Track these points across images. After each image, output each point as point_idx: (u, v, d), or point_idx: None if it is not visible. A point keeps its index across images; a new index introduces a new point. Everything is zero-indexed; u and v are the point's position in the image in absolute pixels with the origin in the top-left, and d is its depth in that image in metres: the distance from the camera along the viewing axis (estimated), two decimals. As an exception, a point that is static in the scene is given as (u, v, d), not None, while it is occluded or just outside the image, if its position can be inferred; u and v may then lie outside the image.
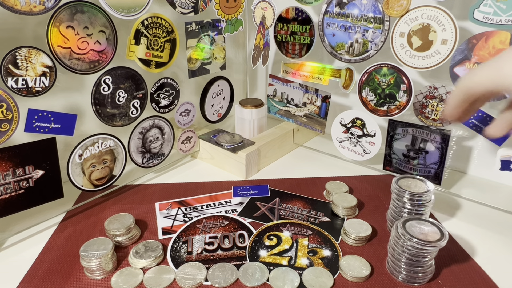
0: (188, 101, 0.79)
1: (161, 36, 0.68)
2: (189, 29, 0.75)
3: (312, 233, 0.59)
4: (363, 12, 0.69)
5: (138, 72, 0.67)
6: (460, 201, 0.69)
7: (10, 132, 0.53)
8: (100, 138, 0.64)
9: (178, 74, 0.79)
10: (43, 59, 0.54)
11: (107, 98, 0.64)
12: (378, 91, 0.72)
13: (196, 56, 0.79)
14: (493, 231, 0.60)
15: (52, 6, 0.53)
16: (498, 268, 0.52)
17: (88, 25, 0.57)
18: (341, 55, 0.75)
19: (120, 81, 0.64)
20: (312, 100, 0.82)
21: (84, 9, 0.57)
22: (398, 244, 0.49)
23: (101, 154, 0.65)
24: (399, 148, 0.73)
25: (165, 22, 0.68)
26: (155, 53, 0.68)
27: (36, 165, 0.57)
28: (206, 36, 0.79)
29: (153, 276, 0.50)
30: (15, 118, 0.53)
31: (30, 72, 0.53)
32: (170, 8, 0.70)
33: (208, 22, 0.78)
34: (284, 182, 0.75)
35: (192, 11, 0.74)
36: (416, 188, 0.57)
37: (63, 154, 0.60)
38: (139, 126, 0.71)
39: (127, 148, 0.69)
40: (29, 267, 0.52)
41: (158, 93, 0.72)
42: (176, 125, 0.78)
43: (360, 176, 0.77)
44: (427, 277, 0.49)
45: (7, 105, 0.52)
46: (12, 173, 0.55)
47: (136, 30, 0.64)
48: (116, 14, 0.60)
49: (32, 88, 0.54)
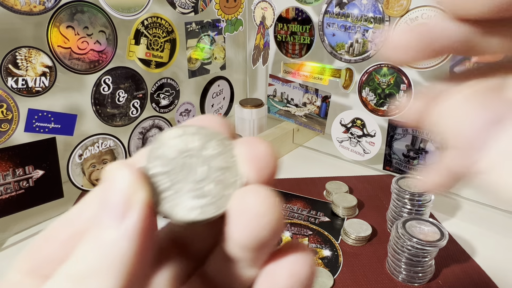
0: (188, 101, 0.79)
1: (161, 36, 0.68)
2: (189, 29, 0.75)
3: (312, 233, 0.59)
4: (363, 12, 0.69)
5: (138, 72, 0.67)
6: (460, 201, 0.69)
7: (10, 132, 0.53)
8: (100, 138, 0.64)
9: (178, 74, 0.79)
10: (43, 59, 0.54)
11: (107, 98, 0.64)
12: (378, 91, 0.72)
13: (196, 56, 0.78)
14: (493, 231, 0.60)
15: (52, 6, 0.53)
16: (498, 268, 0.52)
17: (88, 25, 0.57)
18: (341, 55, 0.75)
19: (120, 81, 0.64)
20: (312, 100, 0.82)
21: (84, 9, 0.56)
22: (398, 244, 0.49)
23: (101, 154, 0.65)
24: (399, 148, 0.73)
25: (165, 22, 0.68)
26: (155, 53, 0.68)
27: (36, 165, 0.57)
28: (206, 36, 0.79)
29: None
30: (15, 118, 0.53)
31: (30, 72, 0.53)
32: (170, 8, 0.70)
33: (208, 22, 0.78)
34: (284, 182, 0.75)
35: (192, 11, 0.74)
36: (416, 188, 0.57)
37: (63, 154, 0.60)
38: (139, 126, 0.70)
39: (127, 148, 0.69)
40: (29, 267, 0.52)
41: (158, 93, 0.72)
42: (176, 125, 0.78)
43: (360, 176, 0.77)
44: (427, 277, 0.49)
45: (7, 105, 0.52)
46: (12, 173, 0.55)
47: (136, 30, 0.64)
48: (116, 14, 0.60)
49: (32, 88, 0.54)
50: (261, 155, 0.16)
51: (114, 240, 0.13)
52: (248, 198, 0.15)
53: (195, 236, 0.19)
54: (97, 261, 0.13)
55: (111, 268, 0.13)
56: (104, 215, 0.14)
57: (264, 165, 0.16)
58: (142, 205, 0.14)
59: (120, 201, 0.14)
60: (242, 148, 0.16)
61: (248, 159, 0.16)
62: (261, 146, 0.16)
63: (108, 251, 0.13)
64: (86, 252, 0.14)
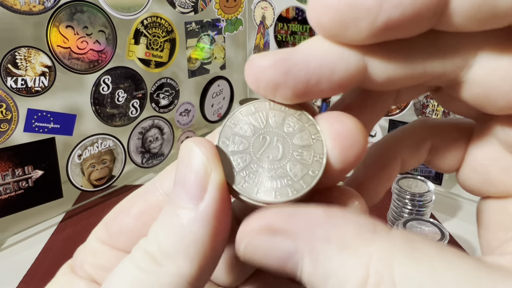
0: (187, 101, 0.79)
1: (161, 35, 0.68)
2: (189, 28, 0.75)
3: (312, 234, 0.58)
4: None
5: (137, 72, 0.67)
6: (461, 202, 0.68)
7: (9, 132, 0.53)
8: (100, 138, 0.64)
9: (177, 74, 0.79)
10: (43, 59, 0.54)
11: (106, 98, 0.63)
12: (378, 91, 0.72)
13: (196, 56, 0.78)
14: (494, 231, 0.60)
15: (52, 6, 0.53)
16: (499, 268, 0.52)
17: (88, 24, 0.57)
18: (341, 55, 0.74)
19: (119, 81, 0.64)
20: (313, 100, 0.82)
21: (84, 8, 0.56)
22: (399, 245, 0.48)
23: (100, 154, 0.65)
24: (400, 148, 0.72)
25: (165, 22, 0.68)
26: (154, 52, 0.68)
27: (35, 165, 0.57)
28: (206, 35, 0.79)
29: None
30: (14, 118, 0.53)
31: (29, 72, 0.53)
32: (169, 8, 0.70)
33: (208, 22, 0.78)
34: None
35: (192, 10, 0.74)
36: (417, 188, 0.56)
37: (63, 154, 0.60)
38: (139, 126, 0.70)
39: (126, 148, 0.69)
40: (29, 268, 0.52)
41: (157, 93, 0.72)
42: (175, 125, 0.78)
43: (361, 176, 0.77)
44: (427, 278, 0.49)
45: (6, 105, 0.52)
46: (11, 173, 0.55)
47: (135, 30, 0.64)
48: (116, 14, 0.60)
49: (32, 88, 0.54)
50: (346, 132, 0.14)
51: (191, 222, 0.13)
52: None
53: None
54: (174, 243, 0.13)
55: (187, 252, 0.13)
56: (180, 194, 0.14)
57: (350, 143, 0.14)
58: (218, 186, 0.13)
59: (195, 182, 0.13)
60: (325, 124, 0.15)
61: (332, 136, 0.14)
62: (347, 121, 0.14)
63: (185, 234, 0.13)
64: (164, 232, 0.14)
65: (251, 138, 0.15)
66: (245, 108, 0.15)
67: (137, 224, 0.16)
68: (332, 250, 0.12)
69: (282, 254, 0.13)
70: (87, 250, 0.17)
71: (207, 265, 0.14)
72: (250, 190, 0.14)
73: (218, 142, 0.15)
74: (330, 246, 0.12)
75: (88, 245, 0.17)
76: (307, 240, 0.12)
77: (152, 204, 0.16)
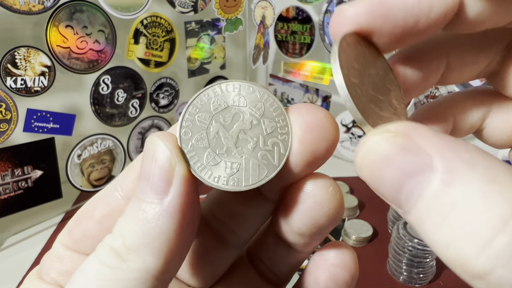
0: (187, 101, 0.79)
1: (161, 35, 0.68)
2: (189, 28, 0.75)
3: (313, 234, 0.58)
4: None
5: (137, 71, 0.66)
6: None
7: (9, 132, 0.53)
8: (99, 138, 0.64)
9: (177, 73, 0.79)
10: (42, 58, 0.54)
11: (106, 98, 0.63)
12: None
13: (195, 56, 0.78)
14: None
15: (51, 6, 0.53)
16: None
17: (87, 24, 0.57)
18: (341, 54, 0.74)
19: (119, 80, 0.64)
20: (313, 100, 0.82)
21: (83, 8, 0.56)
22: (399, 245, 0.48)
23: (100, 154, 0.65)
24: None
25: (165, 22, 0.68)
26: (154, 52, 0.68)
27: (34, 165, 0.57)
28: (206, 35, 0.79)
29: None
30: (14, 118, 0.53)
31: (29, 71, 0.53)
32: (169, 8, 0.70)
33: (207, 22, 0.78)
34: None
35: (192, 10, 0.74)
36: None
37: (62, 154, 0.60)
38: (138, 126, 0.70)
39: (126, 148, 0.69)
40: (29, 268, 0.52)
41: (157, 93, 0.72)
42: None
43: (361, 176, 0.77)
44: (428, 278, 0.49)
45: (6, 105, 0.52)
46: (11, 173, 0.54)
47: (135, 30, 0.64)
48: (115, 14, 0.60)
49: (31, 88, 0.54)
50: (316, 125, 0.14)
51: (156, 216, 0.13)
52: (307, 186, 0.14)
53: (239, 218, 0.18)
54: (139, 238, 0.13)
55: (153, 246, 0.13)
56: (145, 189, 0.13)
57: (319, 137, 0.14)
58: (182, 180, 0.13)
59: (160, 176, 0.13)
60: (294, 115, 0.14)
61: (300, 128, 0.14)
62: (318, 114, 0.14)
63: (149, 228, 0.13)
64: (128, 227, 0.13)
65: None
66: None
67: (100, 229, 0.16)
68: (475, 177, 0.10)
69: (408, 168, 0.11)
70: (53, 256, 0.16)
71: (174, 259, 0.13)
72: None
73: (180, 131, 0.15)
74: (475, 172, 0.10)
75: (53, 251, 0.17)
76: (448, 159, 0.11)
77: (114, 208, 0.15)
